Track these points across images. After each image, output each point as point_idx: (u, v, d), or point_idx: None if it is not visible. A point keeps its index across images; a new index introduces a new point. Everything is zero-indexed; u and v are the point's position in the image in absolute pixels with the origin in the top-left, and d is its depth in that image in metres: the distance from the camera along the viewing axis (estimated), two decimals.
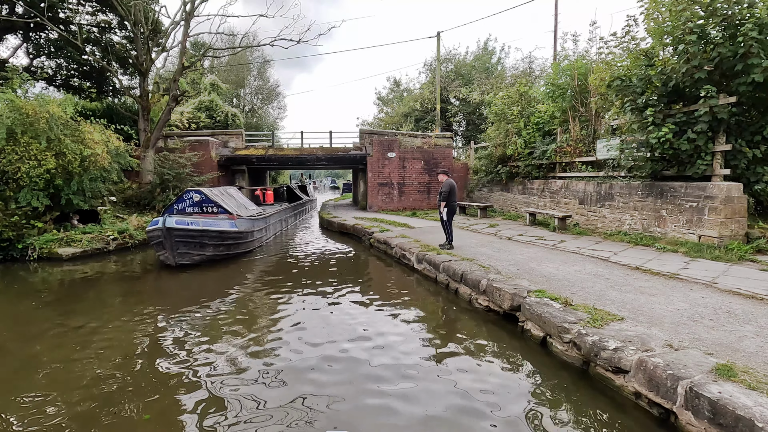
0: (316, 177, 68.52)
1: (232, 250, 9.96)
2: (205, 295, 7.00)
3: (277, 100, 38.78)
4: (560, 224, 10.37)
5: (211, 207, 9.98)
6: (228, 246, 9.72)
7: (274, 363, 4.43)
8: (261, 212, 12.37)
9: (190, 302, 6.61)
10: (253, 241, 10.88)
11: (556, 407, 3.54)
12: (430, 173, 17.69)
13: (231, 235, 9.66)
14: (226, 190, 11.73)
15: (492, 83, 22.89)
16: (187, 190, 10.26)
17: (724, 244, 7.18)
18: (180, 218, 9.01)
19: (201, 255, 9.22)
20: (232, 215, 9.95)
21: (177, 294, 7.41)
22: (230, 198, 11.15)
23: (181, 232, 8.82)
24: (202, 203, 10.00)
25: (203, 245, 9.20)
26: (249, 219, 10.79)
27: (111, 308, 6.45)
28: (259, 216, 11.73)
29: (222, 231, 9.37)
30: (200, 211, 9.94)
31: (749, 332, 3.93)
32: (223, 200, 10.38)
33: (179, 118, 19.97)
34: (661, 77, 8.19)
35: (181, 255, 8.93)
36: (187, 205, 9.98)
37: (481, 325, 5.54)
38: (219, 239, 9.41)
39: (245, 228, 10.22)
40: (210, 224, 9.21)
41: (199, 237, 9.04)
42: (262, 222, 11.92)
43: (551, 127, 13.04)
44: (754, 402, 2.72)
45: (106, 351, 4.76)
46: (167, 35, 14.38)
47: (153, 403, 3.67)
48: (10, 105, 10.13)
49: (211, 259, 9.47)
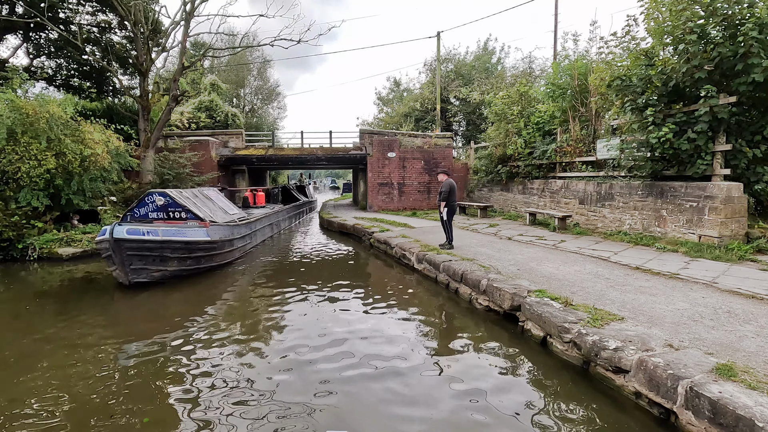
0: (316, 177, 68.42)
1: (204, 263, 8.49)
2: (163, 324, 5.67)
3: (277, 100, 38.81)
4: (560, 224, 10.37)
5: (179, 212, 8.56)
6: (198, 259, 8.26)
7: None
8: (244, 217, 11.00)
9: (141, 334, 5.30)
10: (232, 251, 9.54)
11: (557, 407, 3.54)
12: (430, 173, 17.68)
13: (201, 246, 8.18)
14: (203, 191, 10.37)
15: (492, 83, 22.89)
16: (149, 192, 8.74)
17: (724, 243, 7.18)
18: (133, 227, 7.49)
19: (162, 271, 7.73)
20: (204, 222, 8.52)
21: (125, 322, 6.00)
22: (205, 201, 9.78)
23: (135, 243, 7.31)
24: (168, 208, 8.56)
25: (164, 259, 7.72)
26: (227, 226, 9.41)
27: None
28: (241, 221, 10.43)
29: (189, 241, 7.90)
30: (166, 217, 8.53)
31: (749, 332, 3.93)
32: (194, 204, 9.02)
33: (179, 118, 19.96)
34: (661, 77, 8.18)
35: (135, 272, 7.42)
36: (150, 210, 8.56)
37: (481, 324, 5.54)
38: (185, 251, 7.94)
39: (221, 236, 8.87)
40: (174, 233, 7.77)
41: (158, 249, 7.55)
42: (245, 228, 10.57)
43: (551, 127, 13.04)
44: (754, 402, 2.72)
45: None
46: (167, 35, 14.37)
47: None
48: (10, 105, 10.13)
49: (177, 275, 7.97)
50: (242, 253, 10.33)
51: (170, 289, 7.42)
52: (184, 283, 7.79)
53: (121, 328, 5.70)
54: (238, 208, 11.97)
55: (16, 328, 5.73)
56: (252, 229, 11.19)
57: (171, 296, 7.11)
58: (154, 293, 7.19)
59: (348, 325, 5.55)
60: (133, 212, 8.64)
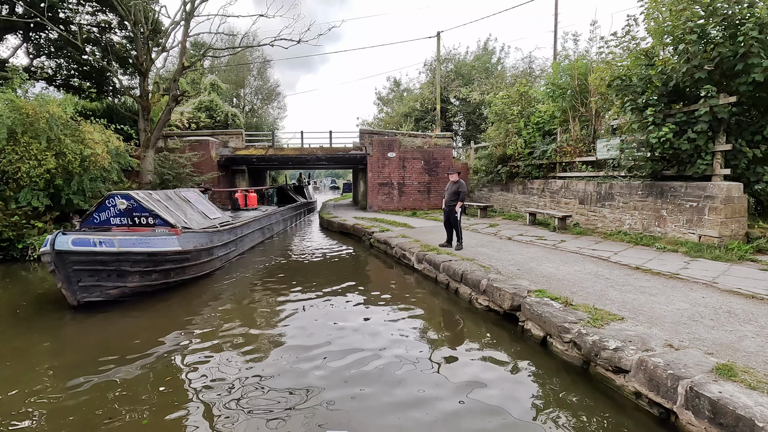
0: (317, 177, 68.37)
1: (175, 277, 7.37)
2: (115, 352, 4.69)
3: (277, 100, 38.81)
4: (560, 224, 10.37)
5: (146, 217, 7.50)
6: (166, 272, 7.17)
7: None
8: (227, 221, 9.94)
9: (85, 364, 4.42)
10: (211, 260, 8.46)
11: (556, 407, 3.54)
12: (430, 173, 17.69)
13: (170, 257, 7.09)
14: (180, 193, 9.21)
15: (492, 83, 22.88)
16: (110, 195, 7.58)
17: (725, 243, 7.18)
18: (81, 236, 6.34)
19: (121, 288, 6.62)
20: (176, 228, 7.43)
21: (72, 348, 5.05)
22: (181, 204, 8.66)
23: (83, 257, 6.22)
24: (133, 212, 7.49)
25: (123, 274, 6.60)
26: (204, 232, 8.26)
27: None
28: (223, 226, 9.31)
29: (154, 252, 6.80)
30: (131, 223, 7.49)
31: (749, 332, 3.93)
32: (165, 208, 7.91)
33: (179, 118, 19.95)
34: (661, 77, 8.18)
35: (85, 290, 6.31)
36: (112, 215, 7.48)
37: (481, 324, 5.54)
38: (150, 263, 6.83)
39: (197, 244, 7.78)
40: (134, 243, 6.65)
41: (114, 263, 6.45)
42: (228, 234, 9.45)
43: (551, 127, 13.04)
44: (754, 402, 2.71)
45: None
46: (167, 35, 14.35)
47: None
48: (10, 105, 10.13)
49: (140, 292, 6.86)
50: (224, 262, 9.25)
51: (130, 310, 6.29)
52: (148, 301, 6.65)
53: (66, 356, 4.80)
54: (222, 211, 10.78)
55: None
56: (237, 234, 10.16)
57: (129, 318, 6.00)
58: (109, 315, 6.07)
59: (347, 325, 5.55)
60: (91, 218, 7.54)
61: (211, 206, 10.13)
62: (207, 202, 10.19)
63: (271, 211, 14.58)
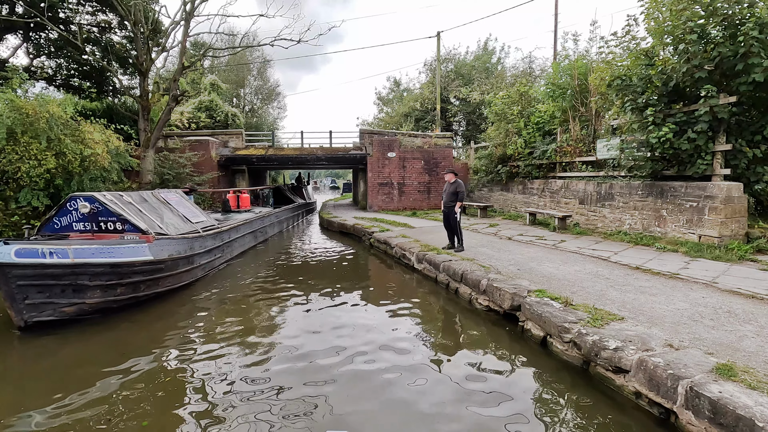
0: (317, 177, 68.33)
1: (147, 290, 6.47)
2: (69, 384, 3.97)
3: (277, 100, 38.85)
4: (560, 224, 10.37)
5: (113, 222, 6.64)
6: (135, 285, 6.25)
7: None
8: (212, 226, 9.05)
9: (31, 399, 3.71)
10: (192, 269, 7.59)
11: (556, 407, 3.54)
12: (430, 173, 17.69)
13: (139, 268, 6.20)
14: (158, 195, 8.24)
15: (492, 83, 22.89)
16: (71, 197, 6.67)
17: (725, 243, 7.18)
18: (28, 246, 5.34)
19: (78, 305, 5.66)
20: (148, 235, 6.55)
21: (16, 380, 4.20)
22: (158, 207, 7.75)
23: (30, 270, 5.27)
24: (99, 216, 6.61)
25: (81, 289, 5.66)
26: (183, 238, 7.42)
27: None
28: (207, 231, 8.47)
29: (118, 263, 5.89)
30: (96, 229, 6.62)
31: (749, 332, 3.93)
32: (137, 211, 7.03)
33: (179, 118, 19.95)
34: (661, 77, 8.18)
35: (33, 308, 5.39)
36: (75, 220, 6.61)
37: (481, 324, 5.54)
38: (114, 276, 5.91)
39: (173, 252, 6.92)
40: (94, 253, 5.70)
41: (69, 276, 5.52)
42: (213, 239, 8.61)
43: (551, 127, 13.04)
44: (754, 401, 2.71)
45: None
46: (167, 35, 14.35)
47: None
48: (10, 105, 10.12)
49: (102, 309, 5.92)
50: (209, 270, 8.42)
51: (88, 330, 5.37)
52: (112, 320, 5.75)
53: (4, 390, 3.99)
54: (207, 214, 9.98)
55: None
56: (224, 239, 9.30)
57: (85, 341, 5.09)
58: (64, 336, 5.17)
59: (347, 325, 5.55)
60: (51, 223, 6.64)
61: (195, 209, 9.29)
62: (190, 204, 9.29)
63: (265, 213, 13.73)
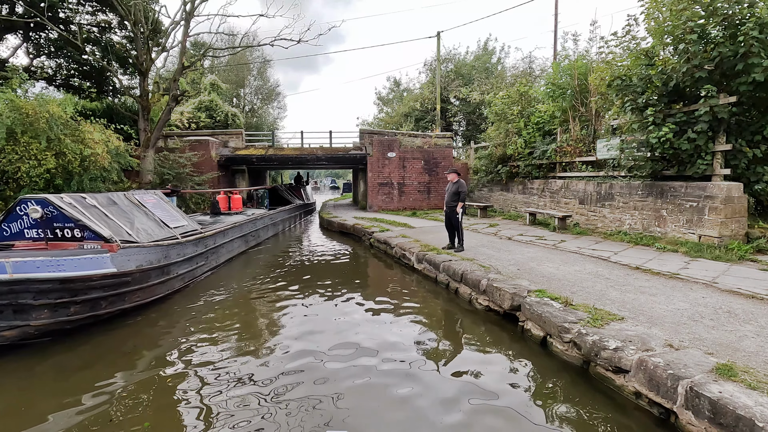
0: (317, 177, 68.27)
1: (109, 307, 5.53)
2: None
3: (277, 100, 38.86)
4: (560, 224, 10.37)
5: (71, 229, 5.76)
6: (94, 302, 5.33)
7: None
8: (194, 231, 8.12)
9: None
10: (168, 281, 6.70)
11: (556, 407, 3.54)
12: (430, 173, 17.69)
13: (98, 282, 5.28)
14: (131, 196, 7.24)
15: (492, 83, 22.88)
16: (21, 200, 5.77)
17: (724, 243, 7.17)
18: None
19: (21, 327, 4.86)
20: (111, 243, 5.62)
21: None
22: (128, 211, 6.76)
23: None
24: (53, 222, 5.72)
25: (23, 309, 4.87)
26: (157, 246, 6.48)
27: None
28: (186, 237, 7.57)
29: (70, 278, 5.02)
30: (51, 237, 5.76)
31: (749, 332, 3.93)
32: (101, 216, 6.06)
33: (179, 117, 19.96)
34: (661, 77, 8.18)
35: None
36: (26, 227, 5.78)
37: (481, 324, 5.54)
38: (65, 293, 5.06)
39: (143, 263, 6.01)
40: (41, 266, 4.87)
41: (7, 294, 4.74)
42: (194, 246, 7.73)
43: (551, 127, 13.03)
44: (754, 402, 2.71)
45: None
46: (167, 35, 14.35)
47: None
48: (10, 105, 10.12)
49: (53, 331, 5.08)
50: (189, 280, 7.55)
51: (34, 356, 4.63)
52: (68, 341, 4.99)
53: None
54: (190, 218, 9.01)
55: None
56: (207, 245, 8.40)
57: (31, 372, 4.31)
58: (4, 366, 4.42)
59: (346, 326, 5.55)
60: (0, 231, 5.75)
61: (176, 212, 8.40)
62: (170, 206, 8.34)
63: (258, 215, 12.86)
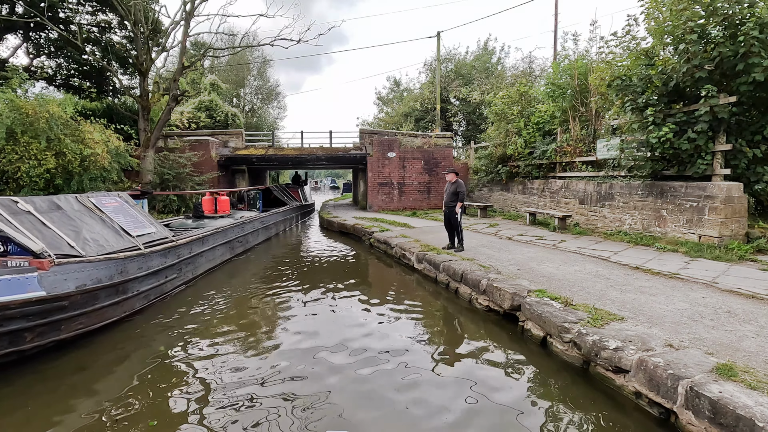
0: (317, 176, 68.25)
1: (38, 340, 4.46)
2: None
3: (277, 99, 38.85)
4: (560, 224, 10.37)
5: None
6: (13, 336, 4.25)
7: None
8: (162, 239, 6.98)
9: None
10: (124, 300, 5.63)
11: (556, 407, 3.54)
12: (430, 173, 17.69)
13: (16, 311, 4.18)
14: (85, 200, 6.20)
15: (492, 83, 22.88)
16: None
17: (725, 243, 7.17)
18: None
19: None
20: (42, 259, 4.58)
21: None
22: (77, 218, 5.69)
23: None
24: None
25: None
26: (108, 260, 5.32)
27: None
28: (151, 246, 6.44)
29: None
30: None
31: (750, 332, 3.92)
32: (35, 224, 5.01)
33: (179, 117, 19.95)
34: (661, 77, 8.18)
35: None
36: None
37: (481, 324, 5.54)
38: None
39: (86, 281, 4.92)
40: None
41: None
42: (162, 257, 6.62)
43: (551, 127, 13.04)
44: (754, 401, 2.71)
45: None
46: (167, 35, 14.35)
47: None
48: (10, 105, 10.13)
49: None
50: (155, 297, 6.44)
51: None
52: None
53: None
54: (160, 224, 7.70)
55: None
56: (181, 255, 7.31)
57: None
58: None
59: (346, 326, 5.55)
60: None
61: (143, 217, 7.15)
62: (137, 211, 7.14)
63: (246, 219, 11.49)
